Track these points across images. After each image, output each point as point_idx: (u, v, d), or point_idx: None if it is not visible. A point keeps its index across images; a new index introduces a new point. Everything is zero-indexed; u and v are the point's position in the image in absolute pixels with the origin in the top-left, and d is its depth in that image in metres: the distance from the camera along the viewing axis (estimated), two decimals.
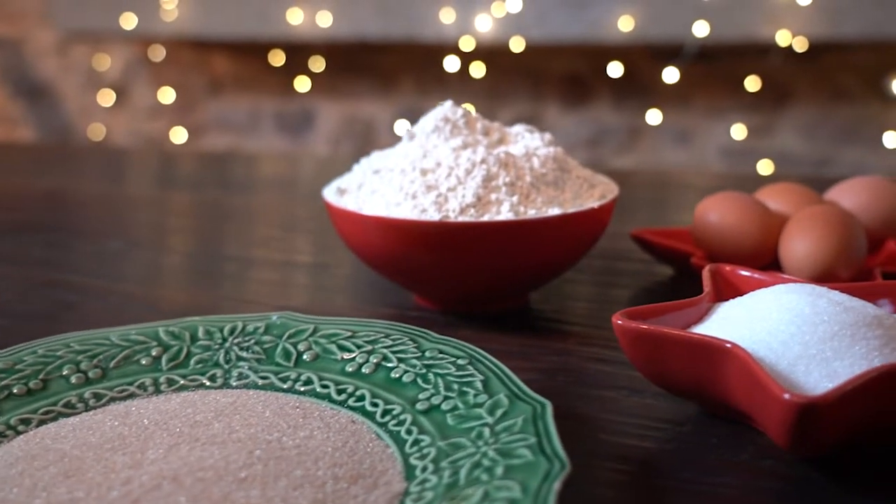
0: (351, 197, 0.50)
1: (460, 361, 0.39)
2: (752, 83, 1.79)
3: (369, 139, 2.09)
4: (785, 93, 1.83)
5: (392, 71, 2.02)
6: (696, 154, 1.92)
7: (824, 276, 0.49)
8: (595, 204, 0.49)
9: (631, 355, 0.40)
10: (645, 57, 1.84)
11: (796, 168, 1.83)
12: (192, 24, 1.89)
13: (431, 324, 0.51)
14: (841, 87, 1.81)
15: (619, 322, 0.39)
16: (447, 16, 1.79)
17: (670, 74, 1.79)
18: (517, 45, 1.78)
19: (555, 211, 0.47)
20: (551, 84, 1.95)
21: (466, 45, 1.81)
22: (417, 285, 0.51)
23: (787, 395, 0.32)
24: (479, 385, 0.37)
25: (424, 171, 0.48)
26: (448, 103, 0.52)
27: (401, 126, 1.97)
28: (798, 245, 0.50)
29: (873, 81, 1.80)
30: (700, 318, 0.42)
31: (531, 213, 0.47)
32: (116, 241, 0.72)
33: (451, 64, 1.90)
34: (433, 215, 0.46)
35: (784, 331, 0.37)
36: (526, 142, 0.51)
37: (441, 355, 0.40)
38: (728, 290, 0.45)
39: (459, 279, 0.49)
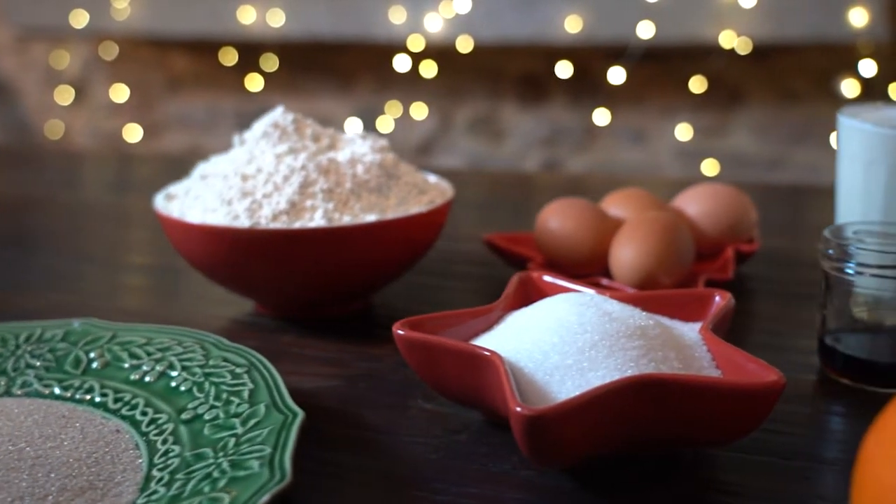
0: (177, 203, 0.50)
1: (238, 370, 0.39)
2: (704, 84, 1.79)
3: None
4: (737, 94, 1.83)
5: (350, 70, 2.02)
6: (650, 154, 1.92)
7: (646, 283, 0.49)
8: (420, 209, 0.49)
9: (412, 364, 0.40)
10: (599, 57, 1.84)
11: (747, 169, 1.84)
12: (143, 22, 1.89)
13: (258, 329, 0.51)
14: (792, 89, 1.81)
15: (399, 332, 0.39)
16: (397, 15, 1.78)
17: (617, 75, 1.79)
18: (465, 45, 1.78)
19: (371, 217, 0.47)
20: (508, 84, 1.95)
21: (415, 44, 1.81)
22: (245, 291, 0.51)
23: (518, 408, 0.32)
24: (245, 394, 0.37)
25: (245, 176, 0.48)
26: (279, 109, 0.52)
27: (353, 125, 1.97)
28: (623, 252, 0.50)
29: (823, 83, 1.80)
30: (490, 326, 0.42)
31: (345, 220, 0.47)
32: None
33: (403, 64, 1.90)
34: (244, 222, 0.46)
35: (547, 340, 0.37)
36: (354, 148, 0.51)
37: (223, 363, 0.40)
38: (538, 298, 0.45)
39: (280, 285, 0.49)
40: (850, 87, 1.68)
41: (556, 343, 0.37)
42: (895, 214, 0.48)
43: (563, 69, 1.89)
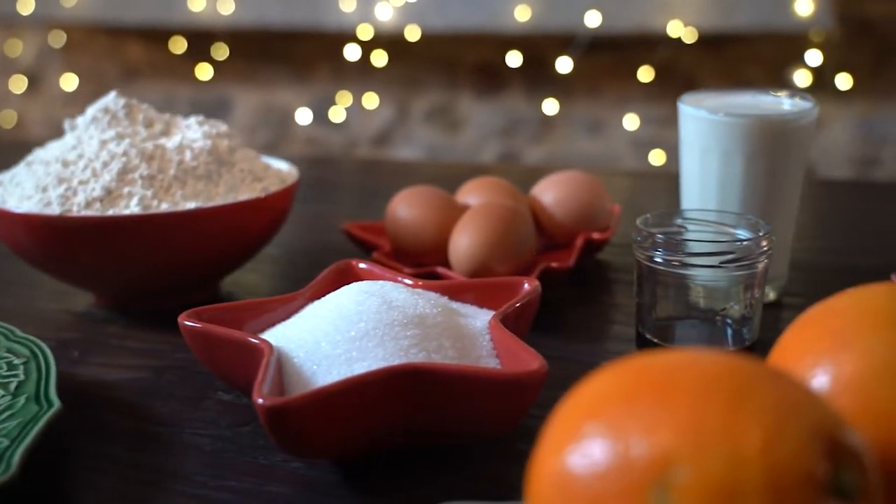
0: (0, 190, 0.49)
1: (16, 361, 0.38)
2: (659, 74, 1.78)
3: (285, 127, 2.07)
4: (691, 83, 1.82)
5: (307, 59, 2.00)
6: (607, 144, 1.92)
7: (480, 271, 0.48)
8: (247, 197, 0.48)
9: (196, 354, 0.39)
10: (554, 47, 1.83)
11: None
12: (93, 10, 1.87)
13: (87, 320, 0.50)
14: (745, 79, 1.80)
15: (184, 322, 0.38)
16: (348, 4, 1.77)
17: (568, 64, 1.78)
18: (413, 33, 1.76)
19: (192, 205, 0.46)
20: (465, 74, 1.94)
21: (365, 33, 1.79)
22: (70, 281, 0.50)
23: (260, 399, 0.31)
24: (12, 386, 0.36)
25: (66, 162, 0.47)
26: (112, 94, 0.51)
27: (304, 114, 1.96)
28: (460, 241, 0.49)
29: (776, 73, 1.79)
30: (290, 315, 0.41)
31: (164, 207, 0.46)
32: None
33: (354, 53, 1.88)
34: (55, 209, 0.45)
35: (321, 329, 0.36)
36: (188, 134, 0.50)
37: (6, 354, 0.39)
38: None
39: (104, 275, 0.48)
40: (801, 77, 1.67)
41: (329, 332, 0.36)
42: (729, 201, 0.47)
43: (518, 59, 1.88)
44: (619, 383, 0.22)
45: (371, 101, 1.90)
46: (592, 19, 1.65)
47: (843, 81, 1.65)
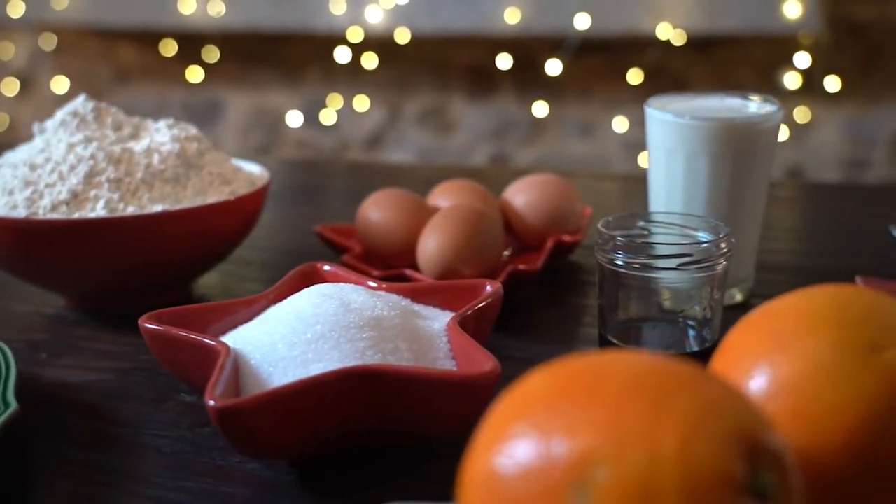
0: None
1: None
2: (650, 76, 1.79)
3: (277, 130, 2.08)
4: (682, 85, 1.82)
5: (298, 62, 2.00)
6: (598, 146, 1.92)
7: (446, 274, 0.48)
8: (215, 199, 0.48)
9: (158, 355, 0.39)
10: (545, 49, 1.84)
11: None
12: (84, 13, 1.87)
13: (57, 322, 0.50)
14: (735, 81, 1.81)
15: (144, 324, 0.39)
16: (338, 6, 1.77)
17: (559, 67, 1.78)
18: (403, 36, 1.76)
19: (158, 208, 0.46)
20: (456, 76, 1.94)
21: (355, 36, 1.79)
22: (38, 283, 0.50)
23: (211, 401, 0.32)
24: None
25: (34, 166, 0.48)
26: (81, 97, 0.51)
27: (295, 117, 1.96)
28: (426, 244, 0.49)
29: (766, 75, 1.79)
30: (252, 316, 0.41)
31: (130, 210, 0.46)
32: None
33: (345, 56, 1.89)
34: (21, 212, 0.45)
35: (278, 332, 0.36)
36: (157, 137, 0.50)
37: None
38: None
39: (72, 277, 0.48)
40: (791, 79, 1.68)
41: (286, 334, 0.36)
42: (694, 203, 0.48)
43: (508, 61, 1.88)
44: (548, 384, 0.22)
45: (362, 103, 1.90)
46: (582, 21, 1.65)
47: (832, 83, 1.65)
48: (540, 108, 1.92)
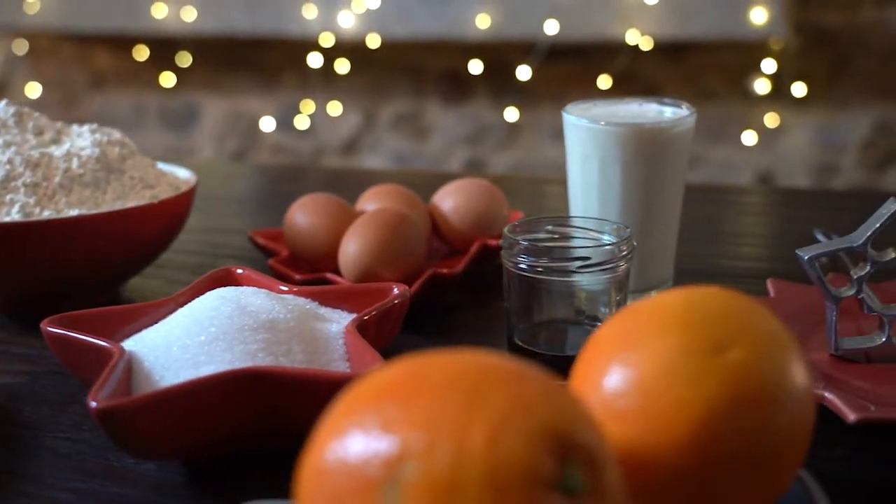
0: None
1: None
2: (621, 82, 1.79)
3: (254, 135, 2.08)
4: (654, 91, 1.83)
5: (273, 67, 2.01)
6: None
7: (366, 277, 0.49)
8: (134, 204, 0.49)
9: (59, 359, 0.39)
10: (518, 55, 1.84)
11: None
12: (56, 17, 1.87)
13: None
14: (706, 86, 1.82)
15: (45, 327, 0.39)
16: (310, 11, 1.78)
17: (530, 72, 1.79)
18: (374, 41, 1.77)
19: (74, 212, 0.47)
20: (431, 81, 1.95)
21: (327, 41, 1.80)
22: None
23: (93, 402, 0.32)
24: None
25: None
26: (2, 102, 0.52)
27: (270, 123, 1.96)
28: (347, 247, 0.50)
29: (736, 80, 1.81)
30: (157, 320, 0.41)
31: (46, 215, 0.46)
32: None
33: (317, 61, 1.89)
34: None
35: (174, 334, 0.37)
36: (78, 141, 0.51)
37: None
38: None
39: None
40: (762, 85, 1.69)
41: (181, 336, 0.37)
42: (609, 207, 0.48)
43: (481, 67, 1.89)
44: (378, 383, 0.23)
45: (336, 108, 1.91)
46: (551, 27, 1.66)
47: (800, 89, 1.67)
48: (512, 114, 1.93)
